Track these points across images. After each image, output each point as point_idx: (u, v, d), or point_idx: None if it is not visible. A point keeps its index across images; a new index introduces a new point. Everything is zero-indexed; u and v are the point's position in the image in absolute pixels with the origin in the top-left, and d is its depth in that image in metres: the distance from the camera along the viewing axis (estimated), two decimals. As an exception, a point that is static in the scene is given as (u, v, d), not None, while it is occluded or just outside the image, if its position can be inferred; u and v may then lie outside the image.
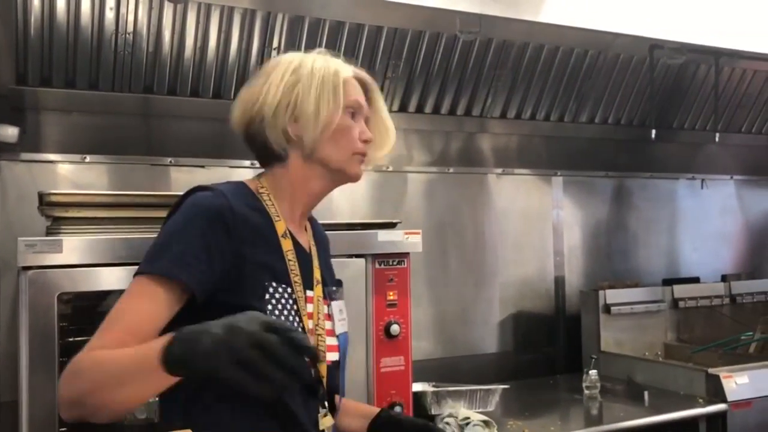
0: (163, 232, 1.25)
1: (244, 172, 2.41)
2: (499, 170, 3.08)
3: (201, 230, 1.21)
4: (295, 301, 1.30)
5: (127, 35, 2.25)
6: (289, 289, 1.30)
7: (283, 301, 1.28)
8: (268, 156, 1.38)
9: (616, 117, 3.27)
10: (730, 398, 2.47)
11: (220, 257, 1.21)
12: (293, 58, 1.37)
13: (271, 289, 1.27)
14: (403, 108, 2.83)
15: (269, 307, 1.26)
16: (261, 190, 1.36)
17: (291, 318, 1.29)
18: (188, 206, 1.25)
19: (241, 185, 1.36)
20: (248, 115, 1.35)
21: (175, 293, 1.19)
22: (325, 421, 1.34)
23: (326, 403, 1.36)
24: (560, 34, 2.74)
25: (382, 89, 2.72)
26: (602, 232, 3.34)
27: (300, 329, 1.29)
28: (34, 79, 2.23)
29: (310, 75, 1.33)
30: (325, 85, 1.34)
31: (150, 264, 1.21)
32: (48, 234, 1.73)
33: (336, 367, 1.40)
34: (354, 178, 1.42)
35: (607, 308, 3.01)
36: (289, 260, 1.32)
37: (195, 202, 1.25)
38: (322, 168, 1.37)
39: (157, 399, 1.87)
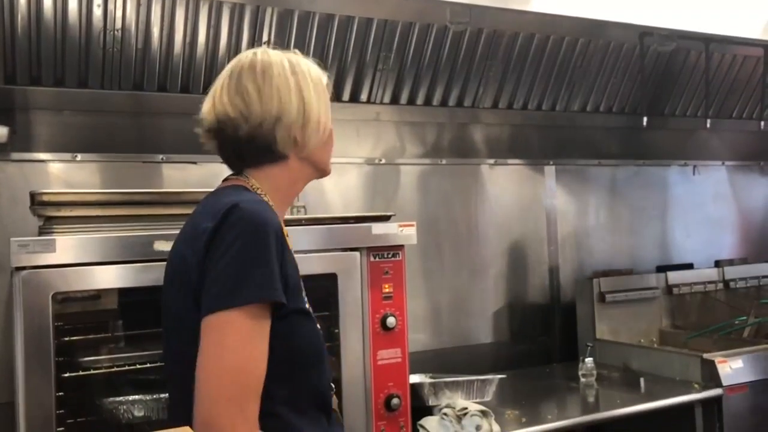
0: (233, 259, 1.18)
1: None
2: (492, 161, 3.08)
3: (270, 246, 1.20)
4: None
5: (116, 32, 2.23)
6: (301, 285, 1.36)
7: (306, 297, 1.35)
8: (262, 156, 1.34)
9: (608, 105, 3.28)
10: (725, 383, 2.49)
11: (281, 267, 1.23)
12: (281, 58, 1.36)
13: (304, 291, 1.34)
14: (394, 100, 2.82)
15: (306, 305, 1.34)
16: (258, 191, 1.34)
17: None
18: (248, 224, 1.20)
19: (244, 188, 1.34)
20: (256, 115, 1.30)
21: (269, 313, 1.20)
22: (335, 401, 1.44)
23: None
24: (550, 23, 2.74)
25: (373, 82, 2.73)
26: (595, 220, 3.35)
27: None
28: (22, 78, 2.21)
29: (309, 80, 1.36)
30: (321, 92, 1.38)
31: (239, 295, 1.17)
32: (41, 234, 1.72)
33: None
34: (327, 175, 1.48)
35: (602, 296, 3.02)
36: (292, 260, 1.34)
37: (253, 220, 1.21)
38: (312, 168, 1.40)
39: (155, 396, 1.88)
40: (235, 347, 1.16)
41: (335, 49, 2.56)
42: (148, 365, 1.87)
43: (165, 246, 1.65)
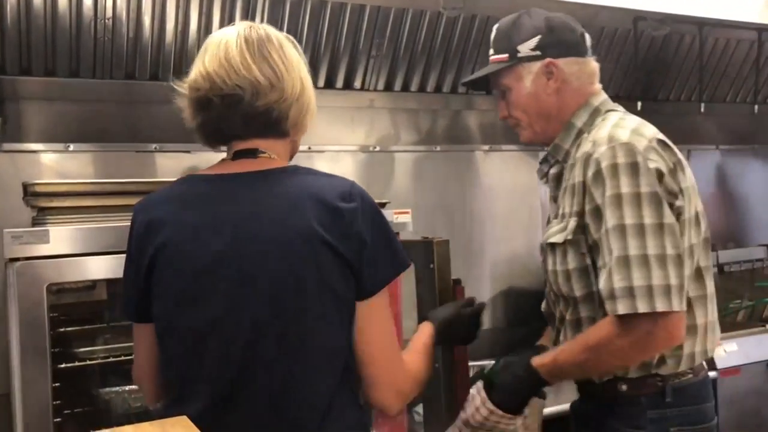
0: (392, 234, 1.31)
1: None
2: (487, 147, 3.08)
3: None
4: None
5: (107, 21, 2.21)
6: None
7: None
8: (271, 129, 1.31)
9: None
10: (719, 365, 2.50)
11: None
12: (288, 41, 1.34)
13: None
14: (388, 87, 2.81)
15: None
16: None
17: None
18: (378, 207, 1.31)
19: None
20: (283, 87, 1.27)
21: None
22: None
23: None
24: (544, 8, 2.72)
25: (366, 68, 2.71)
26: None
27: None
28: (12, 67, 2.20)
29: (304, 62, 1.35)
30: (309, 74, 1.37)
31: (404, 263, 1.33)
32: (34, 225, 1.71)
33: None
34: None
35: (597, 281, 3.02)
36: None
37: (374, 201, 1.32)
38: (294, 149, 1.40)
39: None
40: (390, 311, 1.34)
41: (328, 36, 2.54)
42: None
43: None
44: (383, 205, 2.11)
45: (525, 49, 1.62)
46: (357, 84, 2.73)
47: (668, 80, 3.41)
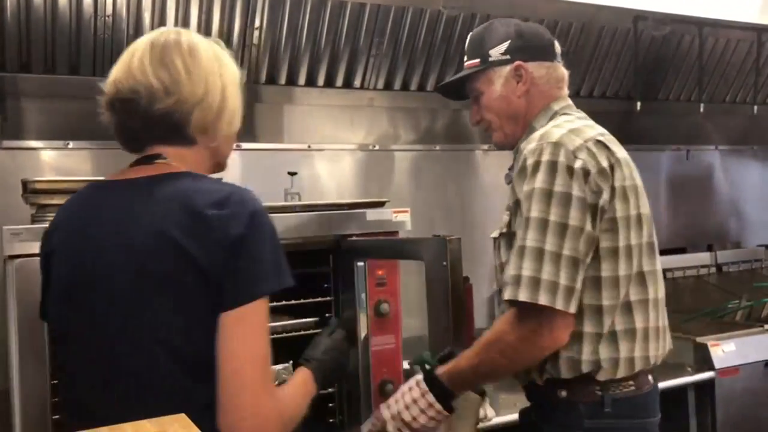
0: (273, 246, 1.22)
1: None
2: (486, 146, 3.08)
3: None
4: None
5: (107, 18, 2.21)
6: None
7: None
8: (173, 135, 1.29)
9: (601, 90, 3.27)
10: (717, 366, 2.50)
11: None
12: (208, 44, 1.33)
13: None
14: (388, 86, 2.81)
15: None
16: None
17: None
18: (264, 215, 1.23)
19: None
20: (180, 92, 1.26)
21: None
22: None
23: None
24: (544, 7, 2.73)
25: (366, 67, 2.72)
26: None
27: None
28: (12, 64, 2.20)
29: (230, 72, 1.33)
30: (239, 88, 1.35)
31: (282, 279, 1.22)
32: (33, 222, 1.71)
33: None
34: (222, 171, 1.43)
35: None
36: None
37: (263, 211, 1.24)
38: (212, 161, 1.36)
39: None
40: (264, 332, 1.20)
41: (328, 35, 2.54)
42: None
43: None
44: (382, 203, 2.11)
45: (496, 53, 1.68)
46: (357, 83, 2.73)
47: (668, 80, 3.42)
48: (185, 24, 2.31)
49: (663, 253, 3.27)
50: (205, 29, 2.35)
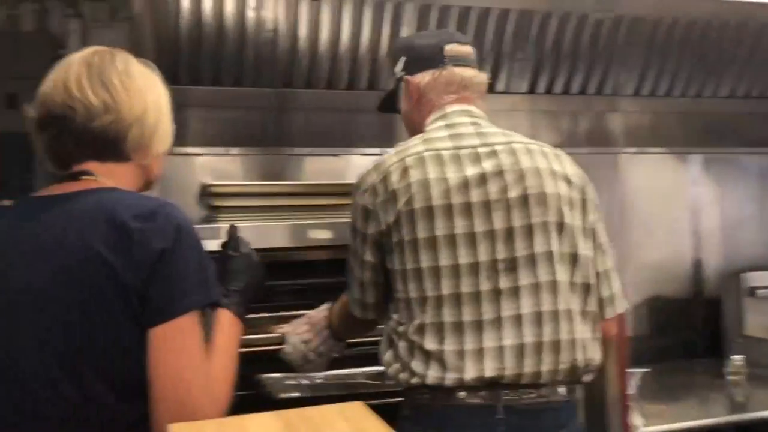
0: (199, 260, 1.20)
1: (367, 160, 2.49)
2: (633, 149, 3.01)
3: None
4: None
5: (268, 33, 2.36)
6: None
7: None
8: (107, 152, 1.29)
9: (761, 90, 3.10)
10: None
11: None
12: (140, 65, 1.35)
13: None
14: (531, 90, 2.81)
15: None
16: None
17: None
18: (190, 229, 1.22)
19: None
20: (119, 109, 1.27)
21: None
22: None
23: None
24: (695, 6, 2.63)
25: (510, 71, 2.72)
26: (745, 211, 3.17)
27: None
28: (184, 78, 2.40)
29: (165, 92, 1.36)
30: (170, 108, 1.37)
31: (208, 293, 1.22)
32: (206, 222, 1.86)
33: None
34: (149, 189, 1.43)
35: (752, 291, 2.87)
36: None
37: (189, 225, 1.22)
38: (143, 179, 1.36)
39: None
40: (195, 347, 1.18)
41: (477, 41, 2.57)
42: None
43: (322, 234, 1.75)
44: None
45: (398, 71, 1.70)
46: (500, 87, 2.75)
47: None
48: (336, 36, 2.43)
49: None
50: (355, 40, 2.46)
